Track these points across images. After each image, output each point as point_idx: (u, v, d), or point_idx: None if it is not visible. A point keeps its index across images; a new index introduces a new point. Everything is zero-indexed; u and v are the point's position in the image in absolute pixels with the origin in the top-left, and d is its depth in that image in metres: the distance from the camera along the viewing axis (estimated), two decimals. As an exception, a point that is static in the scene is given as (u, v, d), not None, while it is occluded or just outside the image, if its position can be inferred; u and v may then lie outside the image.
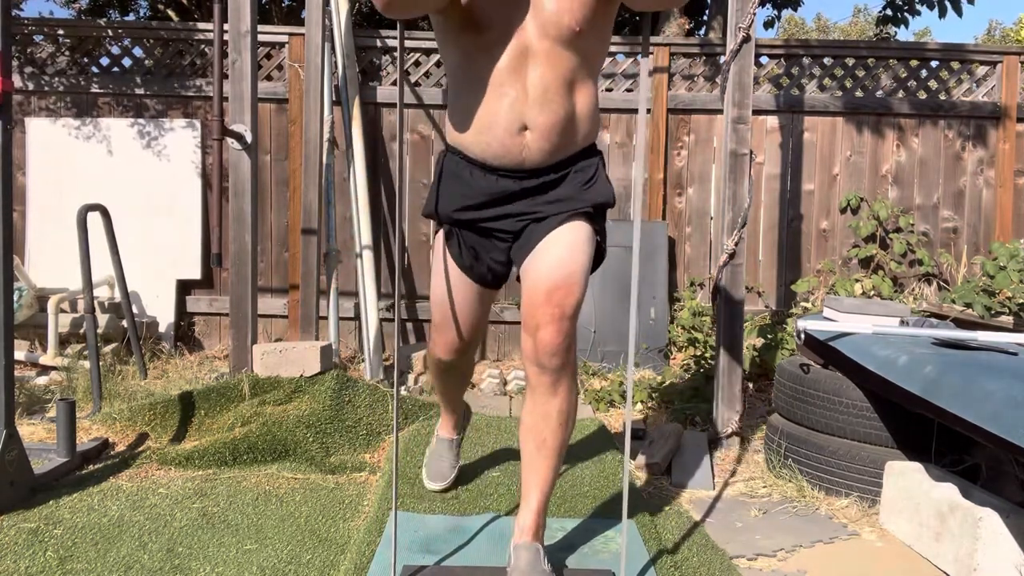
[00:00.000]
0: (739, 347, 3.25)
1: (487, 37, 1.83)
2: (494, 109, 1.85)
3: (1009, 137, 4.93)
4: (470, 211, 1.97)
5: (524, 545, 1.87)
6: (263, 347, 3.48)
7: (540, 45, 1.82)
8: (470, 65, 1.88)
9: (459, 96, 1.93)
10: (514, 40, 1.82)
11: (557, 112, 1.86)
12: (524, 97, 1.84)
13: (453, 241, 2.03)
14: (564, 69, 1.85)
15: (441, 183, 2.01)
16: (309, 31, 4.18)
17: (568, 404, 1.90)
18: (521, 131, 1.86)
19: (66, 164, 4.79)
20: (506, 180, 1.92)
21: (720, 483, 2.84)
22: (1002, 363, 2.28)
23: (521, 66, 1.83)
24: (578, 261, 1.91)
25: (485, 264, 2.03)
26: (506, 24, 1.82)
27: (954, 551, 2.13)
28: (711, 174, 4.96)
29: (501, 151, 1.88)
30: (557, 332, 1.83)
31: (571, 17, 1.80)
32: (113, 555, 2.07)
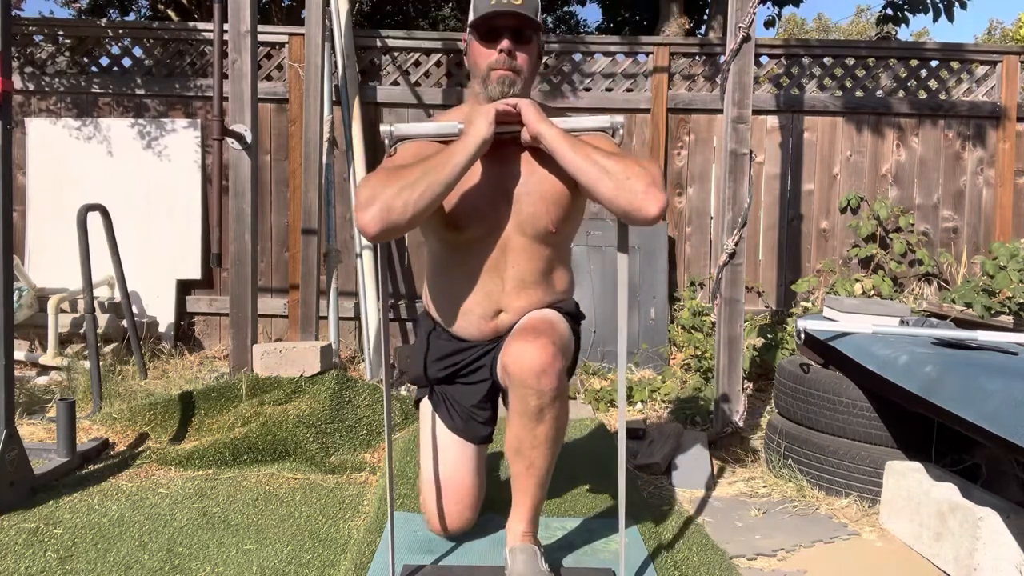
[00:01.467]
0: (739, 347, 3.25)
1: (467, 235, 1.93)
2: (472, 299, 1.97)
3: (1009, 137, 4.93)
4: (451, 368, 2.07)
5: (520, 547, 1.87)
6: (263, 347, 3.48)
7: (518, 242, 1.93)
8: (450, 256, 1.99)
9: (438, 282, 2.05)
10: (492, 238, 1.93)
11: (532, 298, 1.97)
12: (501, 288, 1.95)
13: (441, 407, 2.11)
14: (541, 260, 1.96)
15: (421, 349, 2.12)
16: (309, 31, 4.18)
17: (556, 430, 1.83)
18: (496, 315, 1.98)
19: (66, 164, 4.79)
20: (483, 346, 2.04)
21: (720, 483, 2.84)
22: (1002, 363, 2.28)
23: (500, 260, 1.94)
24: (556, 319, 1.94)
25: (475, 418, 2.09)
26: (486, 224, 1.92)
27: (954, 551, 2.13)
28: (711, 174, 4.96)
29: (476, 333, 2.01)
30: (542, 348, 1.75)
31: (548, 219, 1.92)
32: (113, 555, 2.07)
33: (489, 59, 1.92)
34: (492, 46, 1.91)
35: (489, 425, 2.12)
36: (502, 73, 1.90)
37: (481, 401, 2.09)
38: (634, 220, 1.78)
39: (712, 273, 3.44)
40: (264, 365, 3.43)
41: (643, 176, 1.77)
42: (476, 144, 1.81)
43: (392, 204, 1.74)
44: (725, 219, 3.23)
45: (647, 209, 1.75)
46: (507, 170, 1.94)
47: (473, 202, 1.91)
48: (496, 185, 1.93)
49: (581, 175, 1.80)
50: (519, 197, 1.92)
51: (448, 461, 2.09)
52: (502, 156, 1.93)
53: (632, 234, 4.69)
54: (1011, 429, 1.86)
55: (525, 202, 1.92)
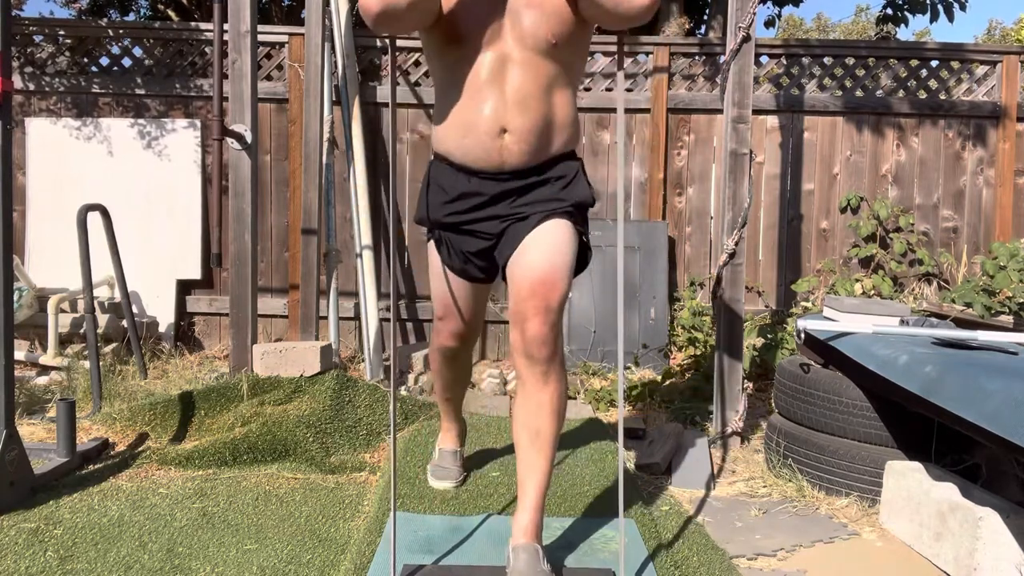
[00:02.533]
0: (739, 347, 3.25)
1: (468, 49, 1.93)
2: (474, 114, 1.95)
3: (1009, 136, 4.93)
4: (456, 214, 2.07)
5: (523, 546, 1.87)
6: (263, 347, 3.48)
7: (519, 55, 1.93)
8: (453, 74, 1.98)
9: (443, 104, 2.03)
10: (494, 51, 1.93)
11: (535, 116, 1.95)
12: (503, 102, 1.94)
13: (442, 247, 2.15)
14: (542, 76, 1.95)
15: (429, 190, 2.12)
16: (309, 31, 4.18)
17: (558, 394, 1.95)
18: (500, 134, 1.95)
19: (66, 164, 4.79)
20: (488, 182, 2.01)
21: (720, 483, 2.84)
22: (1002, 363, 2.28)
23: (501, 74, 1.93)
24: (561, 256, 1.97)
25: (473, 264, 2.13)
26: (486, 37, 1.92)
27: (954, 551, 2.13)
28: (711, 174, 4.96)
29: (482, 154, 1.98)
30: (543, 323, 1.89)
31: (547, 30, 1.91)
32: (113, 555, 2.07)
33: None
34: None
35: (485, 273, 2.16)
36: None
37: (478, 252, 2.10)
38: (625, 11, 1.81)
39: (712, 273, 3.44)
40: (264, 365, 3.43)
41: None
42: None
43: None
44: (725, 219, 3.23)
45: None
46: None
47: (472, 15, 1.91)
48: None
49: None
50: (518, 9, 1.92)
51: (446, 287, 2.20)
52: None
53: (632, 234, 4.70)
54: (1011, 429, 1.86)
55: (524, 13, 1.91)
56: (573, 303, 4.61)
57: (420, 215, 2.16)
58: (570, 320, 4.59)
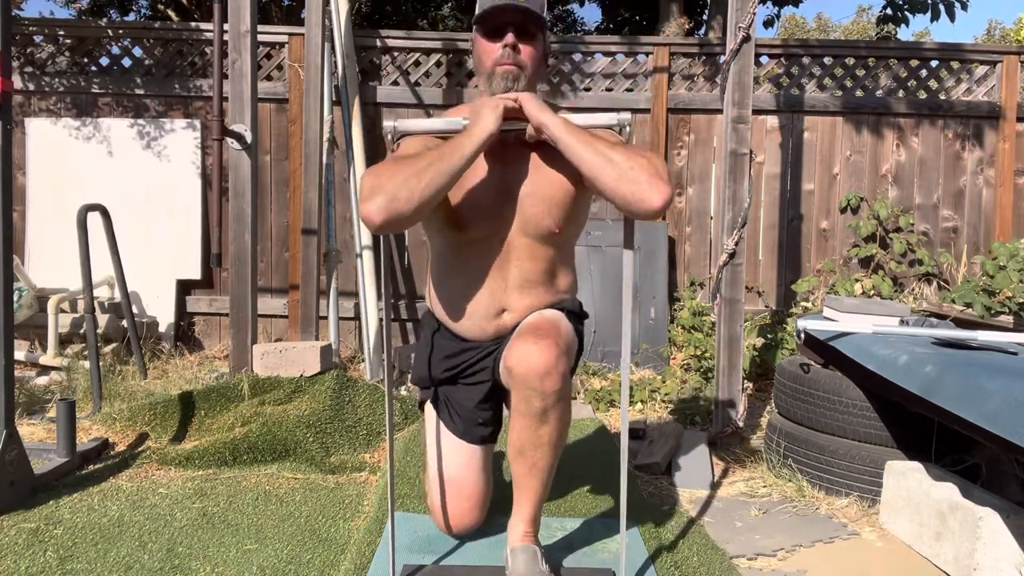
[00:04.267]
0: (739, 347, 3.25)
1: (471, 235, 1.93)
2: (475, 297, 1.96)
3: (1009, 136, 4.93)
4: (453, 369, 2.07)
5: (520, 548, 1.87)
6: (263, 347, 3.48)
7: (521, 243, 1.93)
8: (454, 256, 1.99)
9: (442, 281, 2.04)
10: (496, 237, 1.93)
11: (535, 297, 1.97)
12: (504, 287, 1.95)
13: (443, 411, 2.12)
14: (544, 261, 1.96)
15: (425, 349, 2.12)
16: (309, 31, 4.18)
17: (559, 432, 1.83)
18: (499, 314, 1.97)
19: (66, 164, 4.79)
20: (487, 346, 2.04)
21: (720, 483, 2.84)
22: (1002, 363, 2.28)
23: (503, 260, 1.94)
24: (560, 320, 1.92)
25: (477, 421, 2.09)
26: (489, 224, 1.92)
27: (954, 551, 2.13)
28: (711, 174, 4.96)
29: (480, 333, 2.00)
30: (545, 349, 1.75)
31: (551, 220, 1.91)
32: (113, 555, 2.07)
33: (493, 55, 1.91)
34: (496, 41, 1.90)
35: (490, 426, 2.12)
36: (506, 68, 1.89)
37: (482, 401, 2.09)
38: (637, 212, 1.73)
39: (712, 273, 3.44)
40: (264, 365, 3.43)
41: (647, 167, 1.73)
42: (483, 136, 1.79)
43: (397, 194, 1.70)
44: (725, 219, 3.23)
45: (651, 200, 1.70)
46: (511, 170, 1.93)
47: (477, 201, 1.90)
48: (500, 185, 1.92)
49: (584, 164, 1.77)
50: (522, 198, 1.91)
51: (453, 463, 2.10)
52: (506, 156, 1.93)
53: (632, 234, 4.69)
54: (1011, 429, 1.86)
55: (528, 203, 1.91)
56: (573, 303, 4.60)
57: (421, 375, 2.13)
58: (570, 320, 4.58)
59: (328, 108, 4.25)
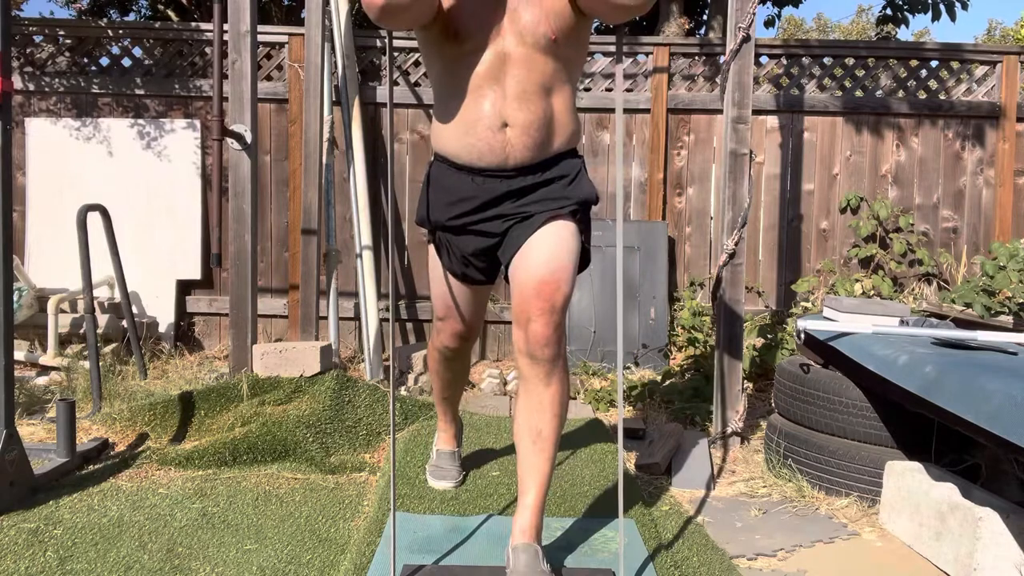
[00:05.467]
0: (739, 347, 3.26)
1: (467, 46, 1.93)
2: (476, 110, 1.95)
3: (1009, 137, 4.94)
4: (460, 217, 2.06)
5: (522, 547, 1.87)
6: (263, 347, 3.48)
7: (517, 51, 1.92)
8: (452, 73, 1.98)
9: (443, 102, 2.03)
10: (492, 47, 1.92)
11: (535, 111, 1.95)
12: (503, 97, 1.93)
13: (443, 251, 2.16)
14: (541, 73, 1.95)
15: (430, 190, 2.11)
16: (309, 31, 4.18)
17: (561, 395, 1.95)
18: (502, 128, 1.95)
19: (66, 164, 4.79)
20: (492, 181, 2.00)
21: (720, 483, 2.84)
22: (1002, 363, 2.28)
23: (500, 70, 1.93)
24: (565, 257, 1.97)
25: (474, 267, 2.14)
26: (484, 33, 1.92)
27: (954, 551, 2.13)
28: (711, 174, 4.96)
29: (485, 149, 1.97)
30: (547, 324, 1.89)
31: (547, 26, 1.91)
32: (113, 555, 2.07)
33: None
34: None
35: (486, 275, 2.17)
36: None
37: (481, 252, 2.10)
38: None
39: (712, 273, 3.44)
40: (264, 365, 3.43)
41: None
42: None
43: None
44: (725, 219, 3.23)
45: None
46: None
47: (471, 11, 1.91)
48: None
49: None
50: (517, 6, 1.92)
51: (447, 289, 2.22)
52: None
53: (632, 234, 4.69)
54: (1011, 429, 1.86)
55: (523, 11, 1.91)
56: (573, 303, 4.61)
57: (421, 216, 2.15)
58: (570, 320, 4.59)
59: (328, 108, 4.25)
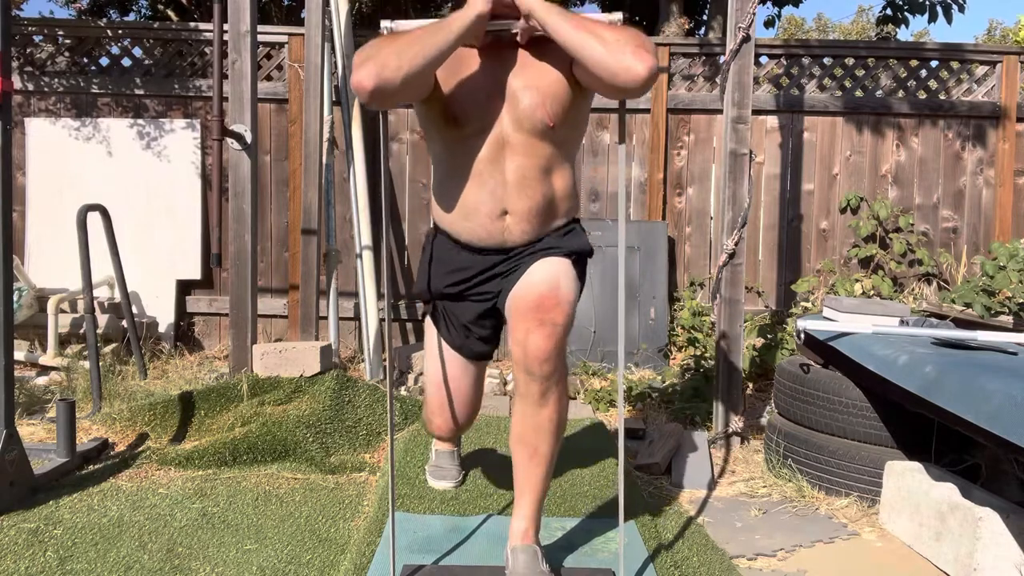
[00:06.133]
0: (739, 347, 3.26)
1: (466, 130, 1.94)
2: (476, 196, 1.96)
3: (1009, 137, 4.94)
4: (457, 284, 2.08)
5: (521, 547, 1.87)
6: (263, 347, 3.48)
7: (516, 137, 1.93)
8: (452, 156, 1.99)
9: (443, 184, 2.05)
10: (492, 133, 1.93)
11: (535, 197, 1.96)
12: (503, 184, 1.94)
13: (442, 323, 2.16)
14: (540, 158, 1.95)
15: (432, 263, 2.12)
16: (309, 31, 4.18)
17: (558, 413, 1.90)
18: (502, 215, 1.97)
19: (66, 164, 4.79)
20: (491, 256, 2.03)
21: (720, 483, 2.84)
22: (1002, 363, 2.28)
23: (499, 157, 1.94)
24: (564, 281, 1.94)
25: (475, 336, 2.13)
26: (484, 119, 1.92)
27: (954, 551, 2.13)
28: (711, 174, 4.96)
29: (484, 235, 1.99)
30: (547, 336, 1.84)
31: (544, 112, 1.91)
32: (113, 555, 2.07)
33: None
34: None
35: (487, 344, 2.16)
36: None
37: (480, 317, 2.10)
38: (623, 82, 1.76)
39: (712, 273, 3.44)
40: (264, 365, 3.42)
41: (633, 38, 1.77)
42: (472, 15, 1.82)
43: (387, 62, 1.75)
44: (725, 219, 3.23)
45: (635, 69, 1.73)
46: (504, 66, 1.95)
47: (471, 95, 1.92)
48: (493, 80, 1.93)
49: (572, 42, 1.79)
50: (516, 91, 1.92)
51: (448, 372, 2.20)
52: (500, 56, 1.95)
53: (632, 234, 4.69)
54: (1011, 429, 1.86)
55: (522, 96, 1.91)
56: (573, 303, 4.60)
57: (421, 288, 2.16)
58: (570, 320, 4.58)
59: (328, 108, 4.25)
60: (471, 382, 2.23)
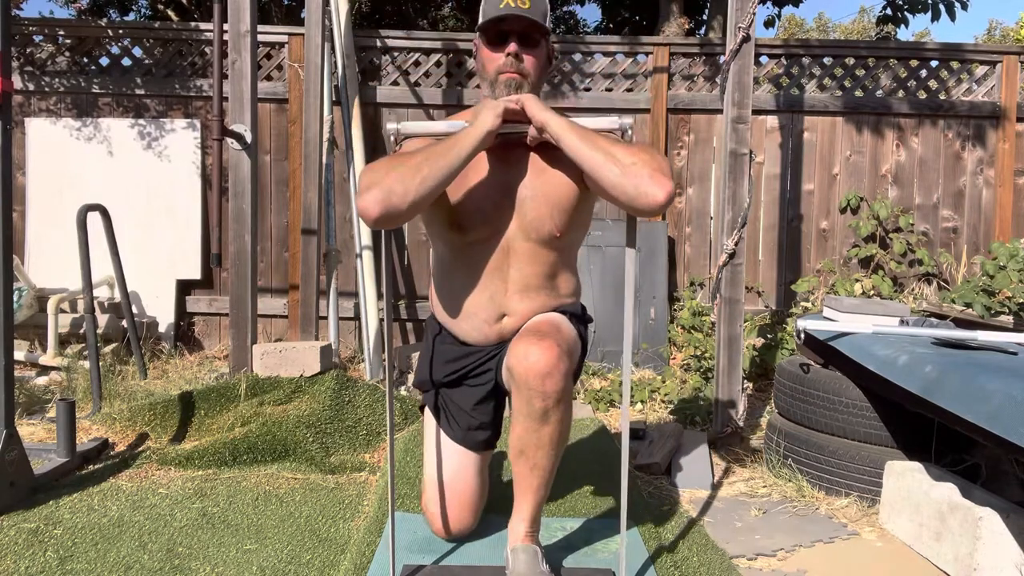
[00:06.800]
0: (739, 347, 3.25)
1: (471, 237, 1.93)
2: (476, 301, 1.96)
3: (1009, 137, 4.94)
4: (457, 372, 2.08)
5: (522, 547, 1.87)
6: (263, 347, 3.48)
7: (522, 246, 1.93)
8: (455, 258, 1.99)
9: (444, 284, 2.05)
10: (497, 240, 1.92)
11: (536, 301, 1.96)
12: (504, 291, 1.95)
13: (442, 417, 2.12)
14: (545, 265, 1.95)
15: (427, 353, 2.13)
16: (309, 31, 4.18)
17: (561, 430, 1.82)
18: (499, 319, 1.97)
19: (66, 164, 4.79)
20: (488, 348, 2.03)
21: (720, 483, 2.84)
22: (1002, 363, 2.28)
23: (503, 263, 1.93)
24: (562, 321, 1.93)
25: (478, 424, 2.09)
26: (489, 227, 1.91)
27: (954, 551, 2.13)
28: (711, 174, 4.96)
29: (480, 337, 2.01)
30: (547, 350, 1.74)
31: (552, 224, 1.91)
32: (113, 555, 2.07)
33: (496, 63, 1.91)
34: (500, 50, 1.91)
35: (488, 430, 2.11)
36: (509, 76, 1.89)
37: (481, 402, 2.08)
38: (641, 207, 1.72)
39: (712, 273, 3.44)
40: (264, 365, 3.43)
41: (649, 162, 1.73)
42: (481, 134, 1.79)
43: (393, 188, 1.72)
44: (725, 219, 3.23)
45: (653, 195, 1.69)
46: (513, 173, 1.93)
47: (477, 204, 1.90)
48: (501, 188, 1.92)
49: (586, 162, 1.76)
50: (524, 200, 1.91)
51: (450, 467, 2.10)
52: (508, 159, 1.93)
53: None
54: (1011, 429, 1.86)
55: (529, 206, 1.90)
56: (573, 303, 4.60)
57: (422, 378, 2.14)
58: (570, 320, 4.58)
59: (328, 108, 4.25)
60: (475, 473, 2.10)
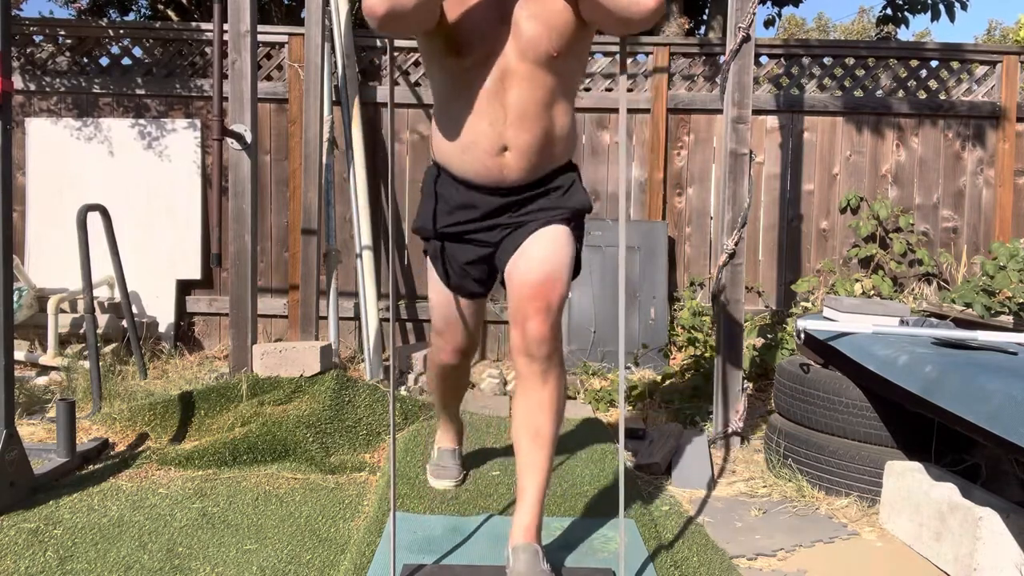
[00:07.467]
0: (739, 347, 3.25)
1: (469, 60, 1.92)
2: (475, 129, 1.95)
3: (1009, 137, 4.94)
4: (458, 225, 2.08)
5: (522, 546, 1.87)
6: (263, 347, 3.48)
7: (519, 68, 1.92)
8: (453, 86, 1.98)
9: (443, 116, 2.04)
10: (495, 63, 1.92)
11: (535, 132, 1.95)
12: (504, 118, 1.93)
13: (439, 263, 2.16)
14: (542, 90, 1.94)
15: (429, 200, 2.13)
16: (309, 31, 4.18)
17: (558, 393, 1.96)
18: (501, 152, 1.96)
19: (66, 164, 4.79)
20: (488, 196, 2.03)
21: (720, 483, 2.84)
22: (1002, 363, 2.28)
23: (501, 88, 1.92)
24: (560, 258, 1.99)
25: (470, 277, 2.14)
26: (487, 48, 1.91)
27: (954, 551, 2.13)
28: (711, 174, 4.96)
29: (483, 170, 1.99)
30: (543, 322, 1.91)
31: (549, 43, 1.90)
32: (113, 555, 2.07)
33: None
34: None
35: (481, 286, 2.18)
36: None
37: (477, 262, 2.11)
38: (633, 14, 1.80)
39: (712, 273, 3.44)
40: (264, 365, 3.43)
41: None
42: None
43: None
44: (725, 219, 3.23)
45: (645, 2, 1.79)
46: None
47: (475, 24, 1.90)
48: (498, 8, 1.92)
49: None
50: (520, 20, 1.91)
51: (445, 304, 2.23)
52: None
53: (632, 234, 4.69)
54: (1011, 429, 1.86)
55: (526, 25, 1.90)
56: (573, 303, 4.61)
57: (421, 224, 2.15)
58: (570, 320, 4.59)
59: (328, 108, 4.25)
60: (469, 311, 2.24)
